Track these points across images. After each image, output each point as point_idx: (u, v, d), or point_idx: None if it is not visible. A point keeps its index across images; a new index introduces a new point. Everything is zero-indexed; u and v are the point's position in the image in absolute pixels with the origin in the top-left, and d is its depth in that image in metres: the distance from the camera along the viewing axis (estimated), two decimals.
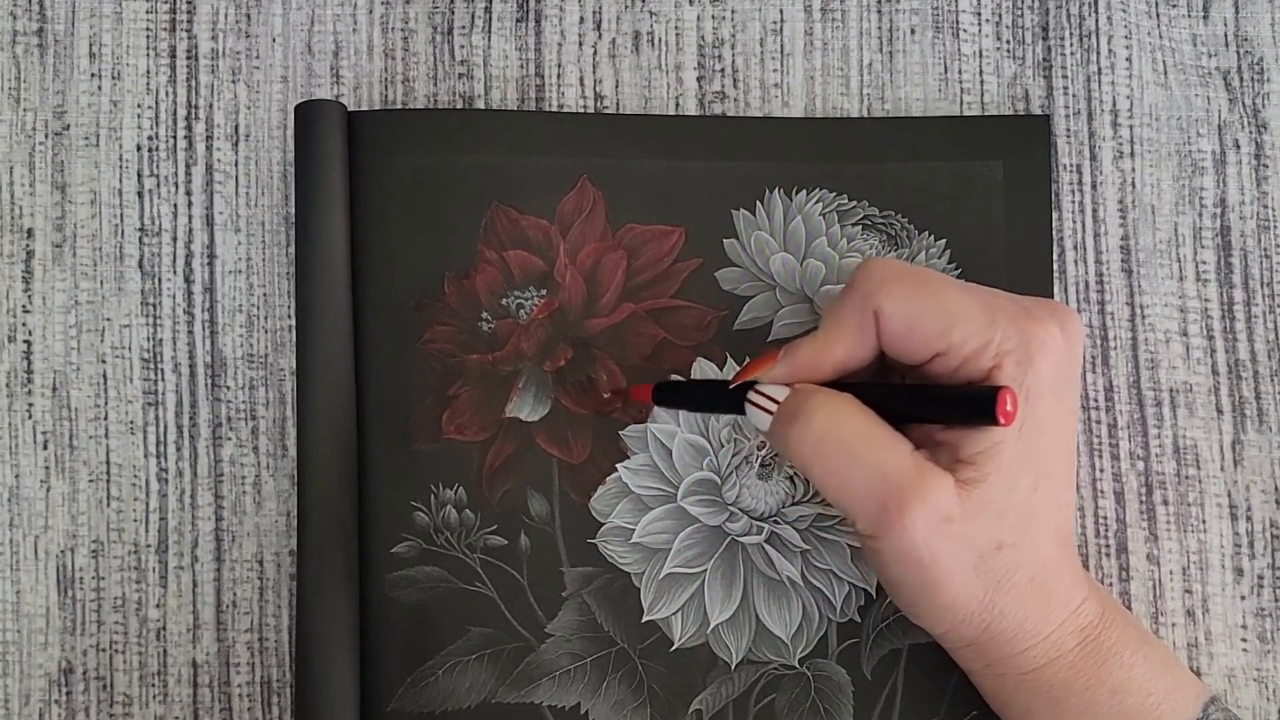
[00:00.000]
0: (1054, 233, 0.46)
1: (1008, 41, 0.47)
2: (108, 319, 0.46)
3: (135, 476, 0.45)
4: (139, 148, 0.46)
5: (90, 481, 0.45)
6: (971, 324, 0.37)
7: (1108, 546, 0.45)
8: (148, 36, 0.47)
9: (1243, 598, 0.45)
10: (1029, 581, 0.38)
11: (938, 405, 0.38)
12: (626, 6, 0.47)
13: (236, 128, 0.47)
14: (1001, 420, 0.36)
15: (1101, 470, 0.45)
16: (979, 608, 0.38)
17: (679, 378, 0.44)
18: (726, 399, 0.41)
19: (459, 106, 0.47)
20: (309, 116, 0.44)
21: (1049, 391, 0.37)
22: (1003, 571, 0.37)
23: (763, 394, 0.39)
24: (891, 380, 0.41)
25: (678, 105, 0.47)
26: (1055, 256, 0.46)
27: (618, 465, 0.44)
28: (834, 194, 0.45)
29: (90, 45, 0.47)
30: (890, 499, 0.37)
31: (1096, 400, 0.46)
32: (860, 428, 0.37)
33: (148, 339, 0.46)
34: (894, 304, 0.38)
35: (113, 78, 0.47)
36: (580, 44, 0.47)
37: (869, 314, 0.38)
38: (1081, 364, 0.40)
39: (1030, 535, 0.38)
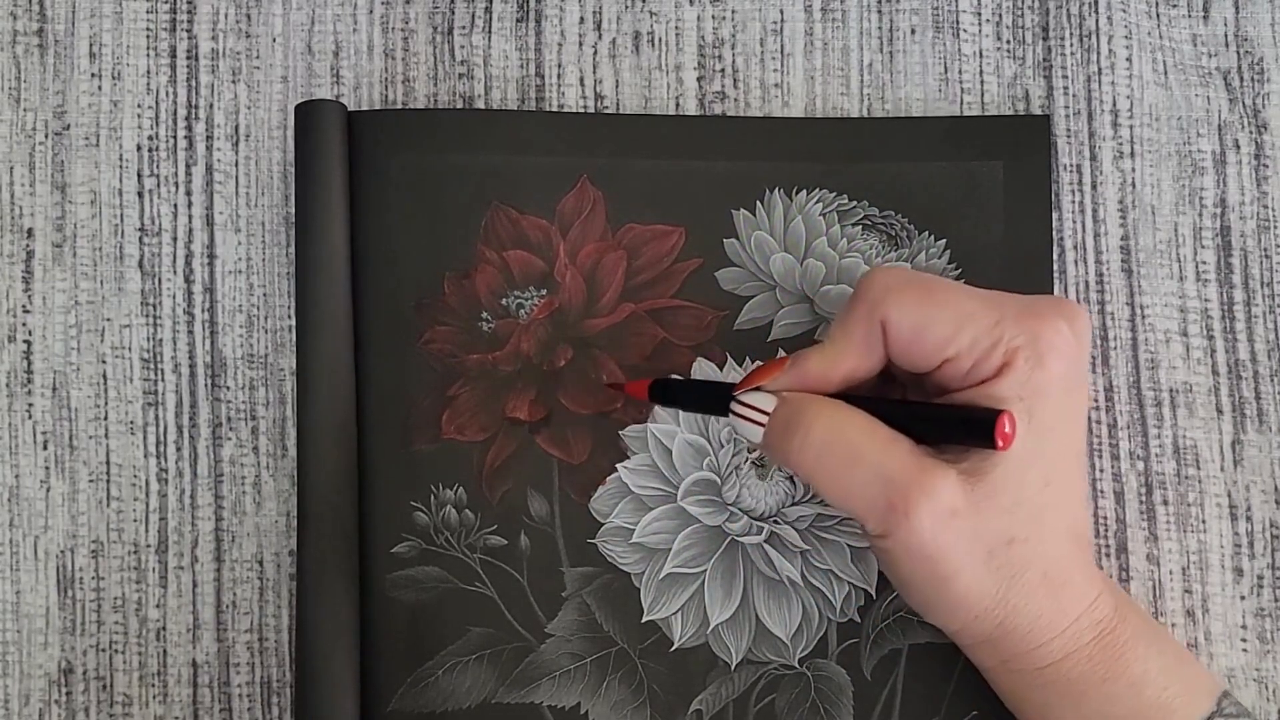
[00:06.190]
0: (1054, 233, 0.46)
1: (1008, 41, 0.47)
2: (108, 319, 0.46)
3: (135, 476, 0.45)
4: (139, 148, 0.46)
5: (90, 481, 0.45)
6: (979, 325, 0.37)
7: (1108, 546, 0.45)
8: (148, 36, 0.47)
9: (1243, 598, 0.45)
10: (1042, 577, 0.38)
11: (937, 424, 0.38)
12: (626, 6, 0.47)
13: (236, 128, 0.47)
14: (999, 443, 0.36)
15: (1101, 470, 0.45)
16: (992, 603, 0.38)
17: (678, 377, 0.44)
18: (724, 403, 0.40)
19: (459, 106, 0.47)
20: (309, 116, 0.44)
21: (1059, 389, 0.37)
22: (1016, 567, 0.37)
23: (748, 405, 0.39)
24: (893, 390, 0.41)
25: (678, 105, 0.47)
26: (1055, 256, 0.46)
27: (618, 465, 0.44)
28: (834, 194, 0.45)
29: (90, 45, 0.47)
30: (896, 497, 0.37)
31: (1096, 400, 0.45)
32: (860, 431, 0.38)
33: (148, 339, 0.46)
34: (901, 313, 0.38)
35: (113, 78, 0.47)
36: (580, 44, 0.47)
37: (876, 324, 0.38)
38: (1089, 361, 0.39)
39: (1042, 531, 0.38)
